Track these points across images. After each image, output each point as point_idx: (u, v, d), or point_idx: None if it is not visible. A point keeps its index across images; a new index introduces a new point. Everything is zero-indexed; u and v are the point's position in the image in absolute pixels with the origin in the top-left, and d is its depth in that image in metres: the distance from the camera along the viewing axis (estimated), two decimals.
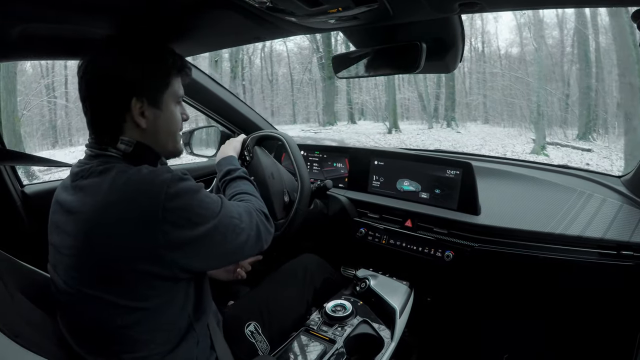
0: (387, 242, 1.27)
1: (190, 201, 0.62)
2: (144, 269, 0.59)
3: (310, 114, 13.30)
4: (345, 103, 12.44)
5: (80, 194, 0.63)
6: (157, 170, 0.62)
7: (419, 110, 11.30)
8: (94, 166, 0.64)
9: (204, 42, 1.07)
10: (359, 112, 12.91)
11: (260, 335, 0.92)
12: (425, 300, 1.33)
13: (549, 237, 1.02)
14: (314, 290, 1.12)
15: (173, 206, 0.59)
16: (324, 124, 11.99)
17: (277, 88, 13.91)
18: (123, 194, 0.59)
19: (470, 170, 1.14)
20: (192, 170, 1.60)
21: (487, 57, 10.63)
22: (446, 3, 0.66)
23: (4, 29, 0.73)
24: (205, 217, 0.63)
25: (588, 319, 1.12)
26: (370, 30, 0.89)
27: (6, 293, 0.61)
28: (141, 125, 0.68)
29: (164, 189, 0.59)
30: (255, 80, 13.75)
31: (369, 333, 1.01)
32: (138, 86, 0.66)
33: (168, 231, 0.58)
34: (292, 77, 13.51)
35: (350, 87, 12.23)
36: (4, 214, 1.08)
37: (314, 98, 13.14)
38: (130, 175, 0.60)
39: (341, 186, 1.45)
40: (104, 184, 0.60)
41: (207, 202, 0.65)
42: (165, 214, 0.58)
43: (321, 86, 12.50)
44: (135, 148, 0.68)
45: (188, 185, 0.63)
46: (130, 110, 0.66)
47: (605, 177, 1.23)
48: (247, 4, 0.70)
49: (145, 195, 0.59)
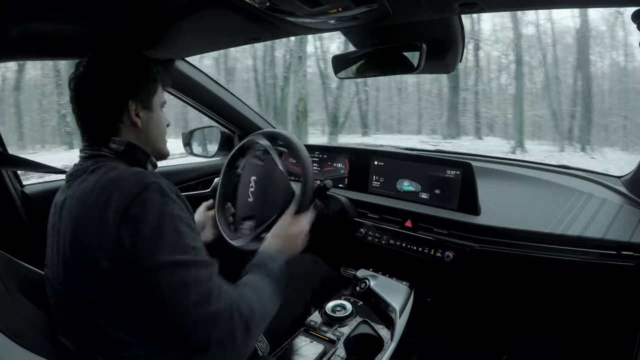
0: (387, 242, 1.27)
1: (154, 219, 0.56)
2: (112, 269, 0.57)
3: (437, 125, 12.37)
4: (472, 116, 11.30)
5: (71, 191, 0.64)
6: (145, 173, 0.61)
7: (552, 130, 9.94)
8: (88, 166, 0.65)
9: (203, 42, 1.07)
10: (488, 127, 11.69)
11: (260, 336, 0.92)
12: (425, 300, 1.32)
13: (549, 238, 1.02)
14: (313, 291, 1.12)
15: (135, 213, 0.56)
16: (445, 137, 11.01)
17: (407, 97, 13.38)
18: (104, 189, 0.59)
19: (470, 171, 1.14)
20: (192, 170, 1.60)
21: (629, 72, 8.99)
22: (446, 3, 0.66)
23: (4, 29, 0.73)
24: (156, 247, 0.55)
25: (588, 319, 1.12)
26: (370, 30, 0.89)
27: (6, 293, 0.61)
28: (137, 125, 0.71)
29: (137, 191, 0.57)
30: (382, 86, 13.30)
31: (369, 333, 1.01)
32: (134, 88, 0.70)
33: (122, 237, 0.55)
34: (419, 86, 12.80)
35: (479, 99, 11.17)
36: (4, 214, 1.09)
37: (441, 109, 12.16)
38: (119, 171, 0.62)
39: (341, 186, 1.45)
40: (92, 179, 0.62)
41: (170, 236, 0.56)
42: (125, 217, 0.56)
43: (446, 96, 11.57)
44: (127, 147, 0.70)
45: (166, 202, 0.58)
46: (128, 111, 0.69)
47: (605, 177, 1.23)
48: (247, 4, 0.70)
49: (119, 192, 0.57)
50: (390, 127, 14.14)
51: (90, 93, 0.68)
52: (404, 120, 13.39)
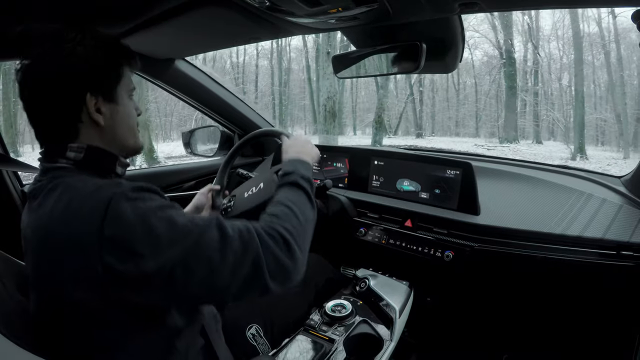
0: (387, 242, 1.27)
1: (135, 227, 0.49)
2: (88, 301, 0.51)
3: (495, 127, 11.92)
4: (532, 119, 10.76)
5: (32, 216, 0.57)
6: (103, 187, 0.52)
7: (616, 135, 9.35)
8: (44, 183, 0.56)
9: (203, 41, 1.07)
10: (549, 130, 11.16)
11: (262, 338, 0.91)
12: (425, 300, 1.32)
13: (548, 237, 1.02)
14: (315, 290, 1.12)
15: (112, 233, 0.48)
16: (501, 141, 10.41)
17: (465, 98, 13.00)
18: (63, 217, 0.51)
19: (470, 170, 1.14)
20: (192, 170, 1.60)
21: None
22: (446, 3, 0.66)
23: (4, 29, 0.73)
24: (158, 247, 0.50)
25: (588, 319, 1.12)
26: (370, 30, 0.89)
27: (6, 293, 0.61)
28: (100, 123, 0.59)
29: (102, 211, 0.49)
30: (440, 87, 13.05)
31: (369, 333, 1.01)
32: (91, 80, 0.58)
33: (110, 263, 0.48)
34: (476, 87, 12.47)
35: (538, 101, 10.64)
36: (4, 214, 1.09)
37: (499, 111, 11.65)
38: (74, 193, 0.52)
39: (341, 186, 1.45)
40: (49, 204, 0.53)
41: (163, 228, 0.51)
42: (103, 242, 0.48)
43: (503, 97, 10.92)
44: (87, 153, 0.59)
45: (135, 205, 0.51)
46: (86, 108, 0.58)
47: (605, 177, 1.23)
48: (247, 4, 0.70)
49: (81, 218, 0.50)
50: (448, 129, 13.75)
51: (37, 95, 0.57)
52: (462, 122, 13.04)
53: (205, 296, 0.56)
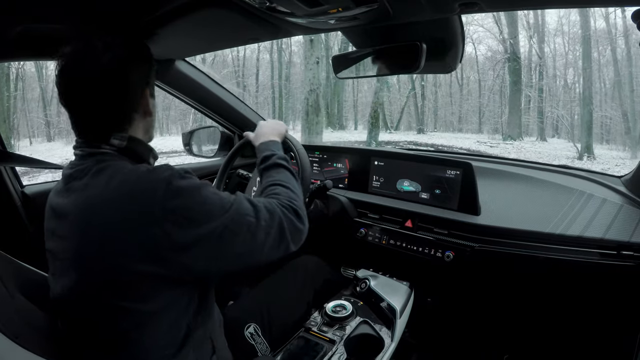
0: (387, 242, 1.27)
1: (193, 199, 0.59)
2: (146, 270, 0.57)
3: (499, 124, 11.61)
4: (536, 115, 10.42)
5: (74, 195, 0.61)
6: (157, 168, 0.60)
7: (622, 133, 9.04)
8: (89, 165, 0.61)
9: (203, 42, 1.07)
10: (553, 127, 10.80)
11: (260, 337, 0.92)
12: (426, 300, 1.32)
13: (549, 238, 1.02)
14: (315, 291, 1.11)
15: (174, 205, 0.57)
16: (504, 138, 10.17)
17: (469, 93, 12.72)
18: (120, 193, 0.57)
19: (470, 171, 1.14)
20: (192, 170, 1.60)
21: None
22: (446, 3, 0.66)
23: (4, 29, 0.73)
24: (212, 214, 0.60)
25: (588, 319, 1.12)
26: (370, 30, 0.89)
27: (6, 293, 0.61)
28: (152, 114, 0.71)
29: (163, 187, 0.57)
30: (443, 82, 12.83)
31: (369, 333, 1.01)
32: (148, 75, 0.69)
33: (170, 231, 0.56)
34: (479, 82, 12.21)
35: (543, 97, 10.33)
36: (4, 215, 1.09)
37: (503, 107, 11.32)
38: (128, 173, 0.59)
39: (341, 186, 1.45)
40: (99, 183, 0.59)
41: (213, 199, 0.62)
42: (166, 214, 0.56)
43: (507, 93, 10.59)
44: (129, 142, 0.66)
45: (190, 182, 0.60)
46: (144, 100, 0.68)
47: (606, 177, 1.23)
48: (247, 4, 0.70)
49: (143, 194, 0.57)
50: (450, 125, 13.42)
51: (94, 84, 0.61)
52: (465, 118, 12.71)
53: (246, 254, 0.64)
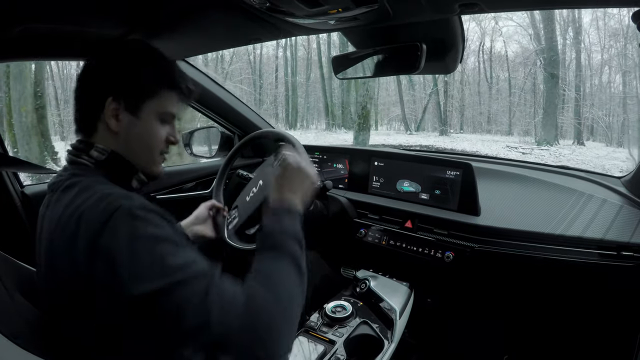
0: (387, 242, 1.27)
1: (123, 248, 0.49)
2: None
3: (531, 125, 10.61)
4: (572, 116, 9.31)
5: (49, 210, 0.59)
6: (112, 197, 0.53)
7: None
8: (63, 179, 0.59)
9: (204, 43, 1.07)
10: (588, 129, 9.68)
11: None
12: (426, 301, 1.32)
13: (549, 238, 1.02)
14: (314, 291, 1.11)
15: (104, 244, 0.49)
16: (539, 142, 9.00)
17: (498, 92, 11.84)
18: (70, 220, 0.53)
19: (470, 171, 1.14)
20: (192, 171, 1.60)
21: None
22: (446, 4, 0.66)
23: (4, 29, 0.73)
24: (139, 276, 0.48)
25: (588, 320, 1.12)
26: (370, 30, 0.89)
27: (6, 294, 0.61)
28: (112, 128, 0.61)
29: (105, 219, 0.50)
30: (468, 80, 12.00)
31: (369, 334, 1.01)
32: (117, 86, 0.61)
33: (94, 272, 0.49)
34: (509, 80, 11.23)
35: (581, 95, 9.22)
36: (4, 215, 1.08)
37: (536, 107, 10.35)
38: (87, 197, 0.54)
39: (341, 187, 1.45)
40: (64, 201, 0.56)
41: (148, 261, 0.49)
42: (96, 250, 0.50)
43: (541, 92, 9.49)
44: (109, 157, 0.62)
45: (136, 226, 0.50)
46: (110, 111, 0.61)
47: (605, 177, 1.23)
48: (247, 5, 0.70)
49: (86, 223, 0.51)
50: (479, 126, 12.49)
51: (76, 89, 0.64)
52: (494, 118, 11.81)
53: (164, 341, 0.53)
